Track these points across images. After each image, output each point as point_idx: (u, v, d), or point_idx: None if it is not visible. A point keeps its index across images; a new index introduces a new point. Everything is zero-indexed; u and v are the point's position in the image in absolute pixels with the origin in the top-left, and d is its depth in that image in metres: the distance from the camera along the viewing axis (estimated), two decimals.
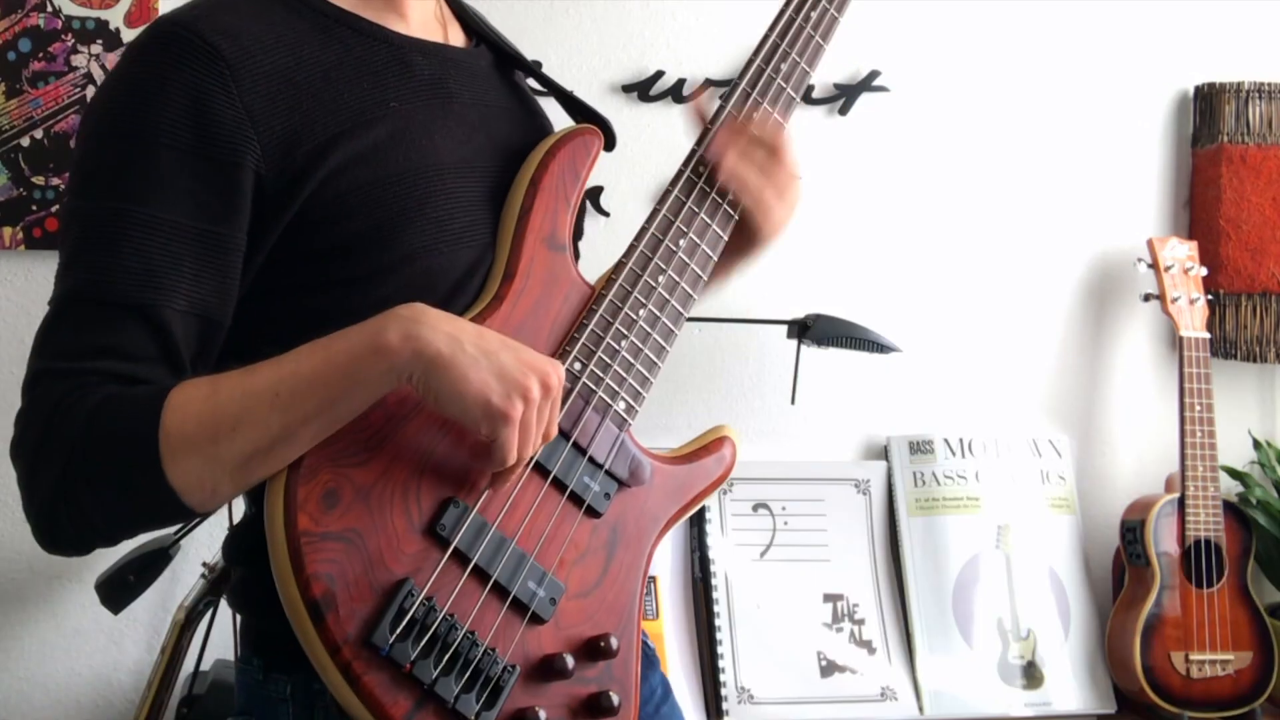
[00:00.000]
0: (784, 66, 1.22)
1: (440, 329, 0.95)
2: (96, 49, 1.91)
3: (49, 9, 1.90)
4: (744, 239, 1.26)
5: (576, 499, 1.09)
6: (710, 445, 1.21)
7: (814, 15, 1.24)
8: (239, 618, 1.16)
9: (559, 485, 1.07)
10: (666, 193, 1.17)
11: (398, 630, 0.96)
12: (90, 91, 1.92)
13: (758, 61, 1.22)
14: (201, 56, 0.99)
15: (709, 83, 2.10)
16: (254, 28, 1.04)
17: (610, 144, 1.22)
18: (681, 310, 1.16)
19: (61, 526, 0.96)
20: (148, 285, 0.96)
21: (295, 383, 0.95)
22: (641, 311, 1.14)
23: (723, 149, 1.18)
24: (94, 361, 0.96)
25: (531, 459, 1.04)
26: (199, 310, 0.99)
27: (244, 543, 1.07)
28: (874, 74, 2.14)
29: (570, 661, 1.04)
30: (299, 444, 0.96)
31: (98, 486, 0.94)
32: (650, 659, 1.29)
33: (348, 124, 1.05)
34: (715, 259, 1.19)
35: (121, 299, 0.96)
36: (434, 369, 0.94)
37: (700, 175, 1.19)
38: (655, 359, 1.15)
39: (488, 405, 0.94)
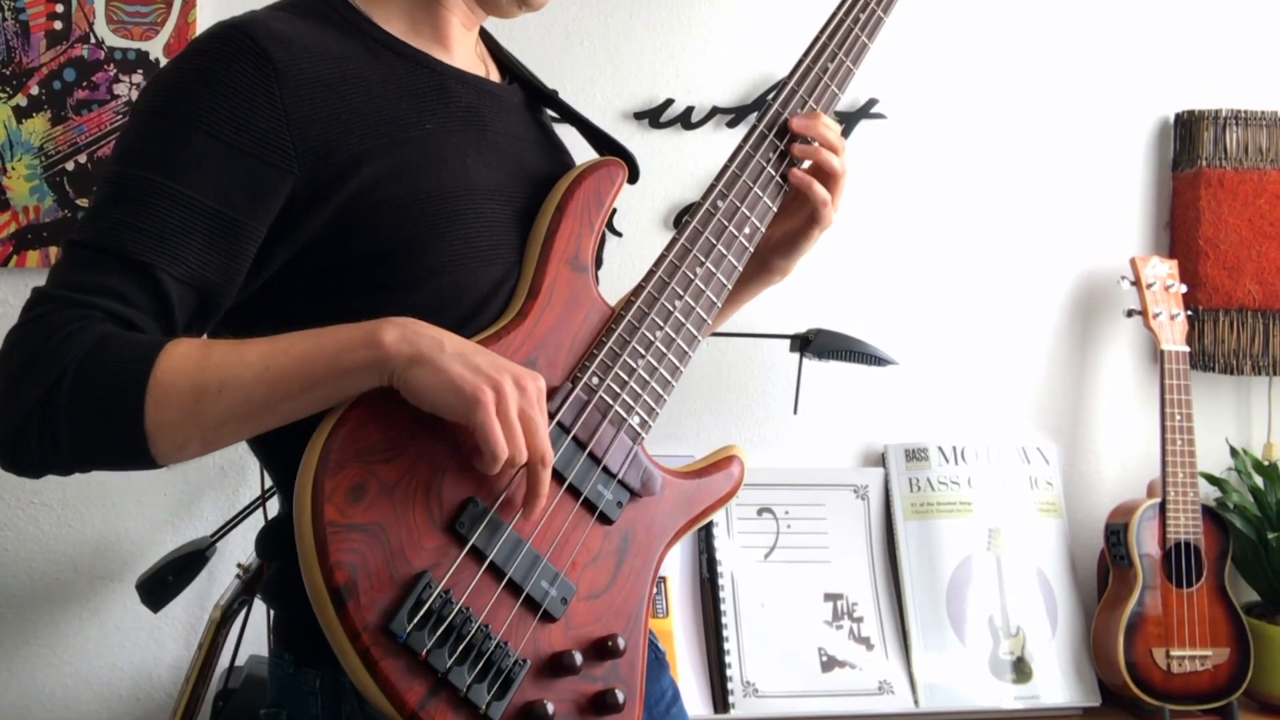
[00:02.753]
0: (830, 67, 1.26)
1: (426, 334, 0.98)
2: (137, 78, 1.93)
3: (92, 40, 1.93)
4: (779, 246, 1.29)
5: (590, 506, 1.09)
6: (720, 463, 1.22)
7: (861, 17, 1.29)
8: (272, 614, 1.17)
9: (574, 492, 1.08)
10: (686, 223, 1.18)
11: (415, 619, 0.96)
12: None
13: (807, 62, 1.26)
14: (252, 58, 1.02)
15: (715, 110, 2.11)
16: (306, 39, 1.06)
17: (634, 176, 1.24)
18: (696, 334, 1.17)
19: (27, 445, 0.95)
20: (152, 248, 0.98)
21: (285, 360, 0.97)
22: (658, 333, 1.15)
23: (812, 121, 1.22)
24: (98, 298, 0.97)
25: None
26: (197, 283, 1.01)
27: (278, 537, 1.08)
28: (872, 101, 2.15)
29: (579, 659, 1.04)
30: (273, 418, 0.98)
31: (78, 412, 0.94)
32: (661, 662, 1.30)
33: (384, 139, 1.06)
34: (730, 287, 1.20)
35: (126, 254, 0.98)
36: (415, 363, 0.96)
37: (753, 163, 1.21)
38: (669, 378, 1.15)
39: (459, 391, 0.95)
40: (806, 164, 1.25)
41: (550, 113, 1.34)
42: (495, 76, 1.25)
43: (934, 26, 2.18)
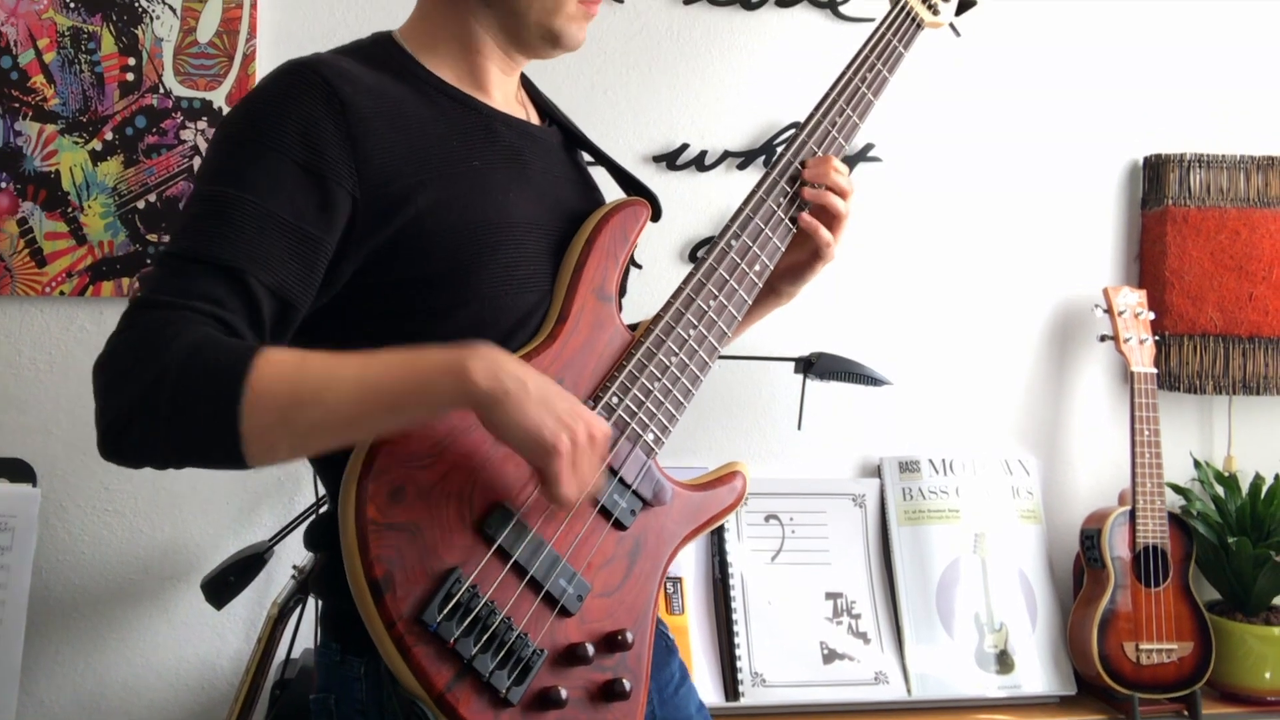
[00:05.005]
0: (839, 119, 1.32)
1: (512, 370, 0.99)
2: (202, 124, 2.01)
3: (161, 90, 2.01)
4: (785, 278, 1.32)
5: (606, 513, 1.13)
6: (724, 477, 1.26)
7: (869, 76, 1.34)
8: (319, 605, 1.20)
9: (592, 500, 1.12)
10: (702, 259, 1.23)
11: (445, 611, 1.00)
12: (197, 162, 2.00)
13: (826, 104, 1.31)
14: (320, 91, 1.06)
15: (727, 154, 2.16)
16: (367, 80, 1.10)
17: (656, 215, 1.29)
18: (708, 360, 1.21)
19: (130, 437, 0.95)
20: (243, 255, 1.00)
21: (378, 379, 0.97)
22: (673, 359, 1.19)
23: (824, 167, 1.27)
24: (197, 301, 0.98)
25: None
26: (280, 292, 1.02)
27: (325, 532, 1.11)
28: (869, 146, 2.21)
29: (591, 650, 1.08)
30: (361, 431, 1.00)
31: (177, 408, 0.94)
32: (670, 648, 1.35)
33: (435, 173, 1.10)
34: (740, 318, 1.25)
35: (219, 260, 0.99)
36: (502, 401, 0.97)
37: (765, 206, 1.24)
38: (682, 400, 1.19)
39: (540, 438, 0.98)
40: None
41: (583, 153, 1.40)
42: (535, 119, 1.30)
43: (925, 79, 2.22)
